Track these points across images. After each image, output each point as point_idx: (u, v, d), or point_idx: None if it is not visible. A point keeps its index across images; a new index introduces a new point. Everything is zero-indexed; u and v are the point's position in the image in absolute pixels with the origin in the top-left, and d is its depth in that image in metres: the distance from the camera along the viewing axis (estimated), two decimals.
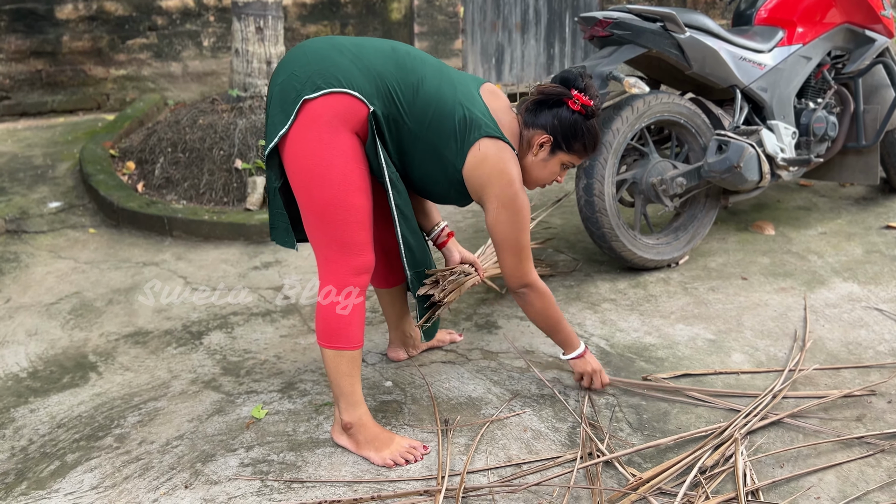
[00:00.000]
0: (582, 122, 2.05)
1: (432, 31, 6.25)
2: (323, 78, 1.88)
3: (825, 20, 3.36)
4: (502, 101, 2.12)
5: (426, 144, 2.01)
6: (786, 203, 3.96)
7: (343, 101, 1.88)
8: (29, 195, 4.16)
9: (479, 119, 1.99)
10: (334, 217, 1.92)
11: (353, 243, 1.95)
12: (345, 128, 1.89)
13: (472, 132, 1.98)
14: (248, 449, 2.09)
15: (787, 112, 3.33)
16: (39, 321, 2.92)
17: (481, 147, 1.99)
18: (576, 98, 2.03)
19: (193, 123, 4.32)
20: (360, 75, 1.91)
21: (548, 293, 2.18)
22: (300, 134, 1.89)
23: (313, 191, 1.91)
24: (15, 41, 5.65)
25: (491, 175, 2.00)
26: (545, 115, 2.06)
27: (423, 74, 1.99)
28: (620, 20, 2.97)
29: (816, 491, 1.90)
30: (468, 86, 2.06)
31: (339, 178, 1.89)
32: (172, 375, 2.52)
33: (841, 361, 2.50)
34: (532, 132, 2.09)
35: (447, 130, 1.98)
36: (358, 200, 1.93)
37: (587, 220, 3.01)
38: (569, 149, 2.09)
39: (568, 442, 2.11)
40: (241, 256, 3.52)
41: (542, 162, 2.11)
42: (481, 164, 2.00)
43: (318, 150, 1.88)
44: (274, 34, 4.34)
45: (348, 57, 1.92)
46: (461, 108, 1.99)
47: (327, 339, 2.00)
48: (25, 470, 2.05)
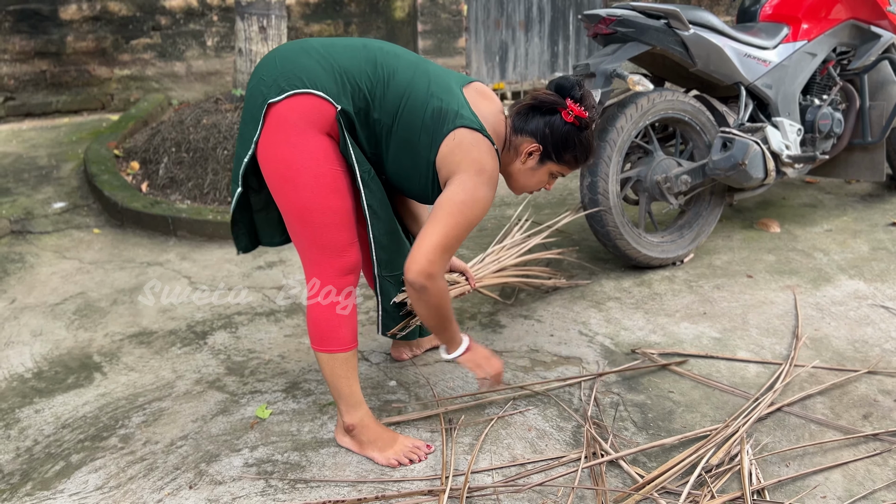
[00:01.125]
0: (575, 134, 1.96)
1: (436, 29, 6.24)
2: (287, 80, 1.86)
3: (830, 16, 3.34)
4: (491, 103, 2.03)
5: (399, 139, 1.94)
6: (791, 200, 3.95)
7: (307, 102, 1.85)
8: (34, 196, 4.17)
9: (454, 111, 1.90)
10: (311, 220, 1.89)
11: (333, 245, 1.92)
12: (312, 129, 1.85)
13: (446, 123, 1.89)
14: (253, 449, 2.09)
15: (793, 109, 3.32)
16: (44, 321, 2.93)
17: (456, 136, 1.89)
18: (570, 108, 1.94)
19: (197, 123, 4.32)
20: (325, 74, 1.86)
21: (443, 292, 1.95)
22: (269, 139, 1.87)
23: (288, 195, 1.89)
24: (19, 42, 5.67)
25: (462, 161, 1.89)
26: (536, 122, 1.97)
27: (394, 67, 1.93)
28: (624, 17, 2.96)
29: (823, 490, 1.89)
30: (447, 80, 1.98)
31: (311, 181, 1.86)
32: (177, 375, 2.52)
33: (847, 359, 2.48)
34: (521, 139, 2.00)
35: (419, 123, 1.91)
36: (334, 202, 1.89)
37: (591, 218, 3.00)
38: (559, 159, 2.00)
39: (572, 441, 2.10)
40: (244, 256, 3.51)
41: (530, 170, 2.03)
42: (454, 150, 1.89)
43: (287, 154, 1.86)
44: (277, 33, 4.34)
45: (314, 57, 1.89)
46: (435, 100, 1.91)
47: (319, 342, 1.99)
48: (30, 470, 2.05)
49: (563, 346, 2.61)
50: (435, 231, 1.87)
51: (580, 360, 2.52)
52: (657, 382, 2.38)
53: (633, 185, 3.17)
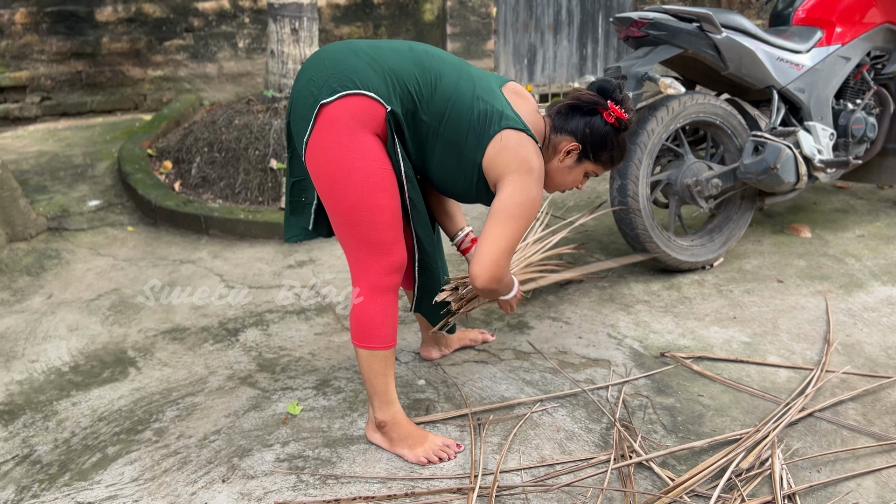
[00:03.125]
0: (613, 135, 2.02)
1: (465, 31, 6.27)
2: (339, 81, 1.88)
3: (865, 20, 3.31)
4: (528, 103, 2.08)
5: (445, 141, 1.98)
6: (822, 205, 3.91)
7: (359, 103, 1.88)
8: (69, 193, 4.25)
9: (500, 112, 1.95)
10: (360, 219, 1.92)
11: (380, 243, 1.95)
12: (363, 129, 1.88)
13: (492, 125, 1.94)
14: (284, 444, 2.12)
15: (825, 113, 3.29)
16: (80, 317, 2.99)
17: (503, 138, 1.94)
18: (612, 110, 2.00)
19: (229, 124, 4.38)
20: (376, 76, 1.89)
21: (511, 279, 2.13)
22: (319, 139, 1.89)
23: (337, 194, 1.91)
24: (56, 42, 5.78)
25: (511, 161, 1.94)
26: (577, 121, 2.03)
27: (441, 71, 1.97)
28: (656, 20, 2.96)
29: (855, 496, 1.88)
30: (489, 82, 2.03)
31: (360, 180, 1.89)
32: (209, 371, 2.56)
33: (880, 366, 2.46)
34: (560, 137, 2.05)
35: (466, 125, 1.95)
36: (382, 200, 1.92)
37: (621, 220, 3.00)
38: (595, 159, 2.06)
39: (601, 443, 2.11)
40: (275, 255, 3.56)
41: (567, 168, 2.08)
42: (501, 152, 1.94)
43: (338, 153, 1.88)
44: (309, 35, 4.38)
45: (364, 59, 1.92)
46: (481, 102, 1.96)
47: (360, 338, 2.02)
48: (68, 461, 2.10)
49: (591, 348, 2.62)
50: (500, 236, 1.94)
51: (609, 362, 2.52)
52: (686, 386, 2.37)
53: (662, 189, 3.17)
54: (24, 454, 2.14)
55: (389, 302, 2.01)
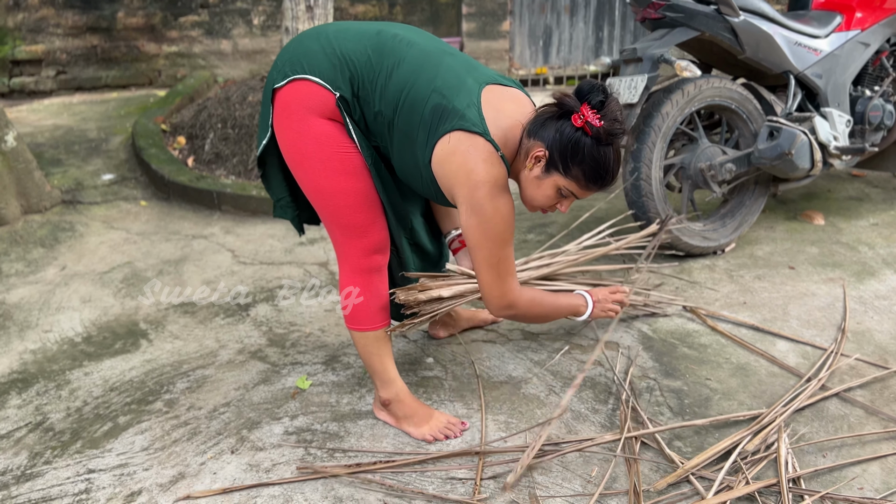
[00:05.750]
0: (585, 144, 1.72)
1: (480, 12, 6.23)
2: (290, 65, 1.85)
3: (886, 5, 3.27)
4: (519, 106, 1.84)
5: (400, 133, 1.83)
6: (837, 193, 3.88)
7: (305, 88, 1.82)
8: (84, 167, 4.27)
9: (457, 111, 1.74)
10: (327, 203, 1.90)
11: (352, 225, 1.92)
12: (313, 114, 1.82)
13: (444, 122, 1.74)
14: (293, 418, 2.14)
15: (843, 99, 3.26)
16: (93, 289, 3.01)
17: (451, 140, 1.74)
18: (581, 112, 1.70)
19: (243, 100, 4.38)
20: (325, 60, 1.81)
21: (535, 301, 2.00)
22: (278, 124, 1.88)
23: (301, 179, 1.91)
24: (72, 17, 5.78)
25: (457, 174, 1.75)
26: (550, 125, 1.76)
27: (402, 57, 1.81)
28: (673, 2, 2.93)
29: (860, 481, 1.88)
30: (461, 75, 1.80)
31: (318, 165, 1.86)
32: (220, 345, 2.58)
33: (890, 354, 2.45)
34: (532, 142, 1.78)
35: (417, 119, 1.78)
36: (345, 184, 1.86)
37: (633, 204, 2.99)
38: (565, 171, 1.76)
39: (608, 424, 2.12)
40: (287, 232, 3.57)
41: (536, 179, 1.81)
42: (447, 160, 1.75)
43: (293, 139, 1.86)
44: (324, 13, 4.37)
45: (321, 42, 1.84)
46: (437, 96, 1.76)
47: (350, 320, 2.03)
48: (80, 430, 2.13)
49: (600, 330, 2.62)
50: (482, 269, 1.87)
51: (617, 344, 2.52)
52: (694, 369, 2.38)
53: (676, 173, 3.15)
54: (37, 421, 2.18)
55: (374, 282, 1.99)
